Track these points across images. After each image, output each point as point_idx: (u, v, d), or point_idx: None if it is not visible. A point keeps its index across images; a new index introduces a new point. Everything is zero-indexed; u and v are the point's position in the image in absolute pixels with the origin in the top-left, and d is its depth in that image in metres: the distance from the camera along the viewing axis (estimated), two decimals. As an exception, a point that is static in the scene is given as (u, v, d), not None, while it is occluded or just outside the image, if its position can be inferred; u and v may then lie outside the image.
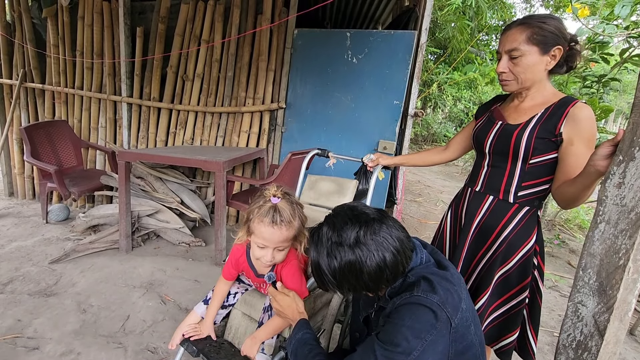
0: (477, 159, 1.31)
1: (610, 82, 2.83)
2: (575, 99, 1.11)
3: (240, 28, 3.05)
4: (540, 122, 1.11)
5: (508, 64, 1.12)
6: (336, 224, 0.84)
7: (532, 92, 1.17)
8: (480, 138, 1.26)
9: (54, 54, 3.42)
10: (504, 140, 1.17)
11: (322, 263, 0.84)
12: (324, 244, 0.84)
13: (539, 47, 1.07)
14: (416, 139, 10.95)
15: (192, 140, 3.31)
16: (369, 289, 0.85)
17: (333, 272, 0.83)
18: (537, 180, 1.15)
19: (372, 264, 0.80)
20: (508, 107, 1.24)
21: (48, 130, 3.16)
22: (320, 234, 0.86)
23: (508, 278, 1.21)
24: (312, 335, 1.01)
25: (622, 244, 0.75)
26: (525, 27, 1.07)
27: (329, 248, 0.83)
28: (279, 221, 1.06)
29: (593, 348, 0.80)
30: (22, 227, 2.96)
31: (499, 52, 1.15)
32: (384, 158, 1.60)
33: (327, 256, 0.83)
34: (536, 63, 1.09)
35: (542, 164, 1.13)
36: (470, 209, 1.27)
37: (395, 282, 0.86)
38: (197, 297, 2.11)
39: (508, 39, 1.11)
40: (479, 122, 1.32)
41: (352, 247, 0.81)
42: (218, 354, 1.24)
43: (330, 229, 0.85)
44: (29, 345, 1.66)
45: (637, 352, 2.04)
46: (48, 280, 2.19)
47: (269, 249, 1.10)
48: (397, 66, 2.76)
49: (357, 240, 0.81)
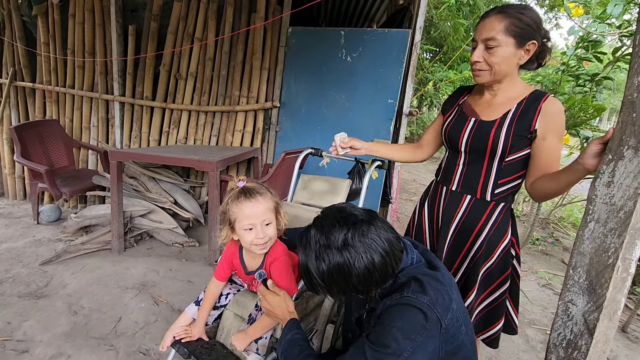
0: (450, 156, 1.27)
1: (603, 80, 2.84)
2: (546, 92, 1.10)
3: (234, 26, 3.03)
4: (515, 119, 1.10)
5: (483, 53, 1.08)
6: (324, 226, 0.83)
7: (503, 86, 1.14)
8: (453, 135, 1.22)
9: (45, 53, 3.37)
10: (481, 138, 1.14)
11: (310, 266, 0.83)
12: (312, 247, 0.83)
13: (515, 40, 1.04)
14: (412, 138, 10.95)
15: (186, 139, 3.29)
16: (359, 292, 0.84)
17: (322, 275, 0.82)
18: (511, 176, 1.15)
19: (361, 266, 0.79)
20: (479, 102, 1.21)
21: (39, 130, 3.12)
22: (308, 237, 0.85)
23: (491, 273, 1.22)
24: (302, 335, 1.01)
25: (612, 242, 0.75)
26: (503, 17, 1.04)
27: (317, 251, 0.82)
28: (254, 194, 1.13)
29: (583, 347, 0.80)
30: (12, 228, 2.92)
31: (475, 40, 1.10)
32: (357, 141, 1.45)
33: (316, 259, 0.82)
34: (511, 55, 1.06)
35: (517, 161, 1.13)
36: (447, 210, 1.25)
37: (385, 283, 0.86)
38: (190, 298, 2.09)
39: (485, 27, 1.06)
40: (448, 118, 1.27)
41: (340, 250, 0.80)
42: (210, 355, 1.23)
43: (318, 232, 0.84)
44: (19, 348, 1.64)
45: (629, 350, 2.06)
46: (39, 282, 2.16)
47: (256, 226, 1.11)
48: (391, 65, 2.75)
49: (345, 243, 0.80)
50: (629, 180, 0.73)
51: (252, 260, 1.23)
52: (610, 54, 2.68)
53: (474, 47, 1.11)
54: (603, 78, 2.75)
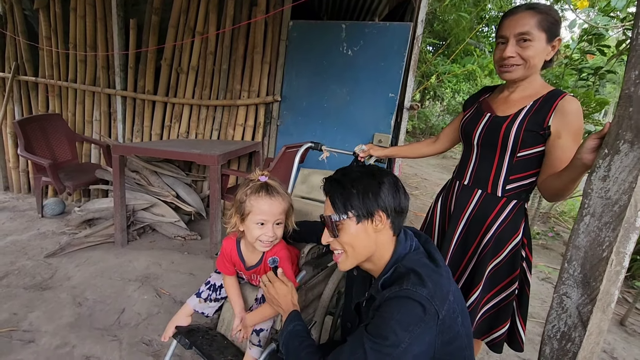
0: (465, 152, 1.30)
1: (606, 74, 2.82)
2: (564, 91, 1.10)
3: (235, 20, 3.02)
4: (529, 115, 1.11)
5: (516, 48, 1.09)
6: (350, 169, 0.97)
7: (523, 84, 1.16)
8: (468, 130, 1.25)
9: (47, 47, 3.38)
10: (493, 133, 1.16)
11: (344, 175, 0.93)
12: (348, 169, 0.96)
13: (546, 35, 1.07)
14: (414, 132, 10.92)
15: (187, 133, 3.30)
16: (369, 201, 0.89)
17: (352, 179, 0.91)
18: (524, 173, 1.15)
19: (383, 179, 0.90)
20: (497, 99, 1.23)
21: (42, 124, 3.14)
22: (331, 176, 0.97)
23: (498, 271, 1.22)
24: (303, 327, 1.02)
25: (606, 236, 0.76)
26: (535, 12, 1.06)
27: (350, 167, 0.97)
28: (275, 193, 1.12)
29: (576, 339, 0.81)
30: (17, 221, 2.96)
31: (503, 36, 1.11)
32: (375, 149, 1.60)
33: (343, 174, 0.94)
34: (543, 50, 1.09)
35: (529, 157, 1.13)
36: (459, 203, 1.27)
37: (388, 214, 0.90)
38: (192, 290, 2.11)
39: (518, 23, 1.07)
40: (467, 114, 1.30)
41: (370, 175, 0.91)
42: (210, 346, 1.25)
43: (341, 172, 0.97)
44: (25, 338, 1.67)
45: (626, 343, 2.07)
46: (43, 274, 2.20)
47: (268, 224, 1.12)
48: (392, 58, 2.74)
49: (373, 174, 0.92)
50: (624, 174, 0.73)
51: (251, 255, 1.24)
52: (614, 47, 2.66)
53: (502, 43, 1.12)
54: (606, 72, 2.73)
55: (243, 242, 1.24)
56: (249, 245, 1.21)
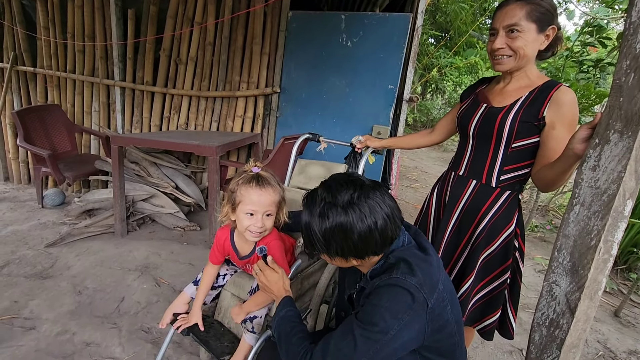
0: (461, 143, 1.31)
1: (607, 66, 2.80)
2: (559, 82, 1.10)
3: (234, 9, 2.99)
4: (524, 106, 1.11)
5: (506, 39, 1.10)
6: (332, 186, 0.86)
7: (518, 74, 1.16)
8: (464, 121, 1.26)
9: (45, 37, 3.36)
10: (488, 123, 1.16)
11: (313, 223, 0.85)
12: (317, 204, 0.85)
13: (536, 25, 1.07)
14: (415, 125, 10.88)
15: (187, 125, 3.30)
16: (356, 253, 0.86)
17: (324, 232, 0.84)
18: (518, 164, 1.16)
19: (363, 226, 0.81)
20: (493, 90, 1.23)
21: (41, 115, 3.14)
22: (314, 196, 0.88)
23: (491, 261, 1.23)
24: (295, 312, 1.04)
25: (595, 225, 0.77)
26: (524, 3, 1.06)
27: (322, 208, 0.84)
28: (265, 184, 1.13)
29: (564, 325, 0.83)
30: (17, 212, 2.98)
31: (494, 28, 1.12)
32: (372, 140, 1.61)
33: (319, 216, 0.84)
34: (534, 40, 1.08)
35: (524, 148, 1.13)
36: (453, 193, 1.28)
37: (382, 249, 0.87)
38: (191, 280, 2.13)
39: (507, 14, 1.08)
40: (464, 105, 1.31)
41: (345, 208, 0.82)
42: (208, 333, 1.28)
43: (325, 191, 0.86)
44: (26, 326, 1.70)
45: (620, 334, 2.10)
46: (44, 263, 2.23)
47: (258, 214, 1.13)
48: (392, 50, 2.72)
49: (351, 202, 0.82)
50: (613, 163, 0.74)
51: (244, 245, 1.25)
52: (615, 39, 2.64)
53: (492, 34, 1.13)
54: (607, 64, 2.71)
55: (236, 232, 1.26)
56: (241, 235, 1.22)
